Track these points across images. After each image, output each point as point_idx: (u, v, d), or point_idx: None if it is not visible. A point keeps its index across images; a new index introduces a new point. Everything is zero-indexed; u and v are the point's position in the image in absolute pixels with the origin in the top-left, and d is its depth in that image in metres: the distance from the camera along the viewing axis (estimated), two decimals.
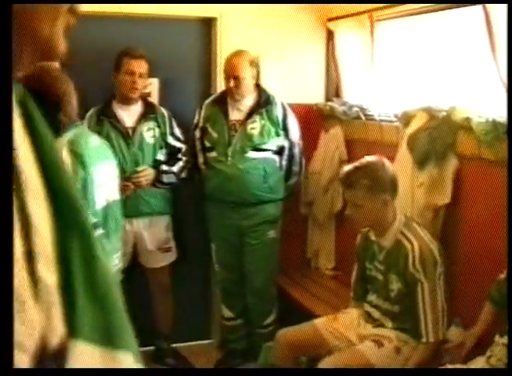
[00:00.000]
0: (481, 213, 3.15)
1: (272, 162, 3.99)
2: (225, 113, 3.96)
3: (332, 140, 4.20)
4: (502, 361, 2.55)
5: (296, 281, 4.27)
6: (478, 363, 2.66)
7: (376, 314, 3.16)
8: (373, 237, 3.18)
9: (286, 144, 4.02)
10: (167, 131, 3.96)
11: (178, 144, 4.01)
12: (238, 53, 3.94)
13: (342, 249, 4.36)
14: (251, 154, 3.91)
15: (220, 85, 4.23)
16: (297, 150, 4.07)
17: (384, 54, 4.06)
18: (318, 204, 4.35)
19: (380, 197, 2.99)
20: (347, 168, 3.10)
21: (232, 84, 3.88)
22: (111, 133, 3.81)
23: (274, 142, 3.97)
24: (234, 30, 4.21)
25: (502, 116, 2.96)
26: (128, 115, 3.90)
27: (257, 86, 4.03)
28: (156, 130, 3.92)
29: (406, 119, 3.56)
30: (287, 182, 4.11)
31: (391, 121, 3.80)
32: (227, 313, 4.18)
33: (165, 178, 3.91)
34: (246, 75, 3.90)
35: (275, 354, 3.30)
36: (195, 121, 4.07)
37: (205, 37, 4.32)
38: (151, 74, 3.97)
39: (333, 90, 4.55)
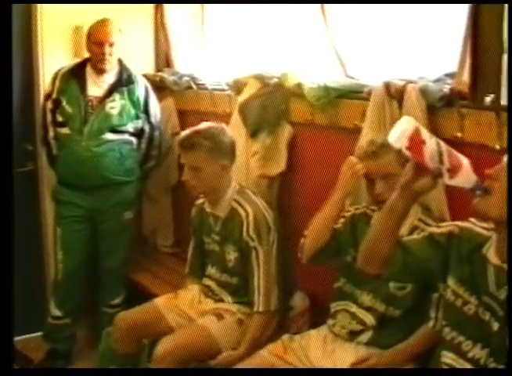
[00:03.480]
0: (316, 179, 3.15)
1: (129, 144, 3.81)
2: (83, 88, 3.70)
3: (163, 112, 4.06)
4: (346, 329, 2.55)
5: (133, 260, 4.09)
6: (322, 331, 2.65)
7: (215, 288, 3.12)
8: (208, 209, 3.13)
9: (146, 127, 3.86)
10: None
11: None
12: (108, 20, 3.66)
13: (180, 225, 4.26)
14: (108, 136, 3.68)
15: (42, 63, 3.97)
16: (157, 133, 3.93)
17: (215, 22, 4.00)
18: (151, 179, 4.20)
19: (220, 161, 2.95)
20: (186, 131, 3.02)
21: (107, 50, 3.60)
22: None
23: (133, 125, 3.80)
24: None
25: (333, 81, 2.95)
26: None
27: (120, 62, 3.79)
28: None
29: (238, 87, 3.51)
30: (145, 165, 3.97)
31: (223, 90, 3.72)
32: (55, 312, 3.84)
33: None
34: (117, 43, 3.66)
35: (115, 338, 3.14)
36: (46, 91, 3.79)
37: (26, 11, 3.95)
38: None
39: (164, 60, 4.42)
